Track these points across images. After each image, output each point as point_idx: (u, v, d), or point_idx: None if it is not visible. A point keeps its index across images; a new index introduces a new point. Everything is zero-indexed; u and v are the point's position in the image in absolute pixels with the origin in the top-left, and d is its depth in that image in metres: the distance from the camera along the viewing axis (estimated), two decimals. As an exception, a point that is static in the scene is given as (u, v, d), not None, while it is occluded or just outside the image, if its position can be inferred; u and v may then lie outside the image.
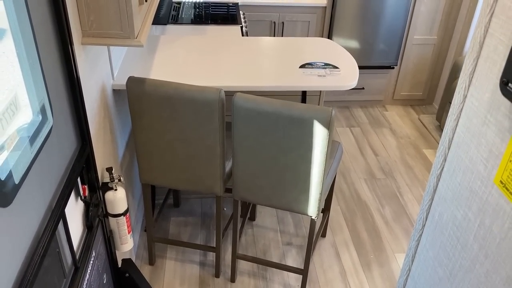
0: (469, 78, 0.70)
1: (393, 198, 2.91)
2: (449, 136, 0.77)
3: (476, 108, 0.67)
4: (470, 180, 0.73)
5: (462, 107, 0.71)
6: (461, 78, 0.72)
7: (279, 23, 3.56)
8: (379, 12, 3.49)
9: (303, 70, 2.19)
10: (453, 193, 0.80)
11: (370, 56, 3.69)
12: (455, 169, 0.78)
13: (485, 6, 0.66)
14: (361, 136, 3.56)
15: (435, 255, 0.88)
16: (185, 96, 1.80)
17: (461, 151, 0.73)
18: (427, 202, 0.90)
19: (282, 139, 1.77)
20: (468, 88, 0.71)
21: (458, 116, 0.74)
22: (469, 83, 0.71)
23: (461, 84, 0.72)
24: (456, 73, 3.37)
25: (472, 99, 0.68)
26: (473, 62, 0.69)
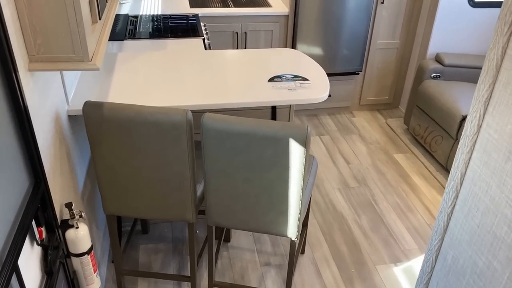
0: (484, 105, 0.63)
1: (368, 206, 2.86)
2: (461, 170, 0.70)
3: (495, 141, 0.59)
4: (493, 223, 0.65)
5: (477, 139, 0.64)
6: (473, 105, 0.64)
7: (241, 33, 3.47)
8: (341, 19, 3.46)
9: (273, 84, 2.10)
10: (470, 236, 0.71)
11: (335, 63, 3.65)
12: (471, 209, 0.70)
13: (501, 24, 0.59)
14: (332, 144, 3.51)
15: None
16: (148, 119, 1.66)
17: (479, 189, 0.66)
18: (436, 243, 0.82)
19: (257, 160, 1.66)
20: (483, 117, 0.63)
21: (471, 148, 0.66)
22: (484, 112, 0.63)
23: (474, 113, 0.64)
24: (421, 76, 3.38)
25: (490, 130, 0.60)
26: (489, 88, 0.61)
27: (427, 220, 2.77)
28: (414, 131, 3.46)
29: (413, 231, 2.68)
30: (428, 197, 2.97)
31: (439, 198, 2.95)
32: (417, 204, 2.90)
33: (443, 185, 3.06)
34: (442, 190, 3.02)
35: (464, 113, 2.90)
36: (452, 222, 0.77)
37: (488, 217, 0.68)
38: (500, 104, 0.62)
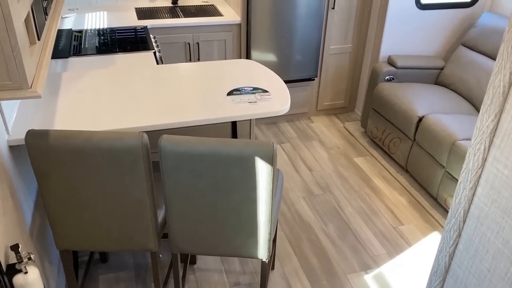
0: (490, 137, 0.57)
1: (334, 214, 2.83)
2: (464, 207, 0.64)
3: (506, 178, 0.54)
4: (508, 269, 0.59)
5: (481, 173, 0.59)
6: (476, 136, 0.59)
7: (193, 44, 3.36)
8: (293, 25, 3.44)
9: (232, 98, 2.01)
10: (479, 280, 0.65)
11: (291, 70, 3.62)
12: (479, 250, 0.64)
13: (507, 47, 0.53)
14: (293, 152, 3.47)
15: None
16: (100, 146, 1.52)
17: (487, 230, 0.60)
18: (437, 284, 0.75)
19: (222, 182, 1.57)
20: (488, 150, 0.58)
21: (475, 183, 0.61)
22: (489, 144, 0.58)
23: (478, 145, 0.59)
24: (375, 79, 3.41)
25: (498, 164, 0.55)
26: (495, 118, 0.56)
27: (392, 223, 2.77)
28: (372, 133, 3.49)
29: (380, 235, 2.67)
30: (391, 199, 2.98)
31: (401, 200, 2.97)
32: (381, 207, 2.90)
33: (404, 186, 3.09)
34: (403, 191, 3.05)
35: (420, 114, 2.95)
36: (455, 263, 0.72)
37: (502, 261, 0.63)
38: (510, 136, 0.56)
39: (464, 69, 3.25)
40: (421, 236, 2.67)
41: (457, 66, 3.31)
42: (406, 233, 2.69)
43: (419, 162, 2.98)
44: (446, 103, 3.08)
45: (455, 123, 2.78)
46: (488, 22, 3.23)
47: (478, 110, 3.08)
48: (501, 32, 3.10)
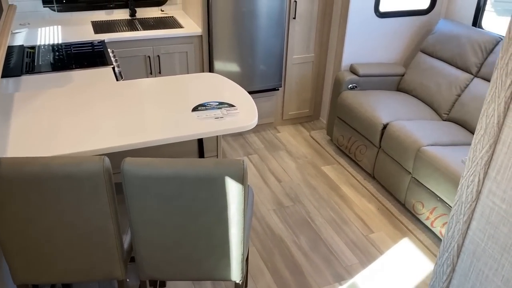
0: (484, 169, 0.54)
1: (305, 225, 2.81)
2: (458, 241, 0.61)
3: (504, 213, 0.52)
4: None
5: (475, 207, 0.56)
6: (469, 168, 0.56)
7: (154, 56, 3.27)
8: (255, 36, 3.41)
9: (197, 114, 1.95)
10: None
11: (255, 80, 3.59)
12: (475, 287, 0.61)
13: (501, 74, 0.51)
14: (261, 163, 3.42)
15: None
16: (58, 173, 1.42)
17: (485, 266, 0.57)
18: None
19: (190, 204, 1.50)
20: (483, 182, 0.55)
21: (470, 217, 0.58)
22: (484, 176, 0.55)
23: (471, 177, 0.55)
24: (339, 88, 3.43)
25: (495, 198, 0.53)
26: (489, 149, 0.53)
27: (362, 231, 2.77)
28: (338, 141, 3.50)
29: (351, 244, 2.67)
30: (360, 206, 2.99)
31: (370, 207, 2.98)
32: (351, 216, 2.90)
33: (372, 193, 3.11)
34: (371, 198, 3.07)
35: (384, 121, 2.98)
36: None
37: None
38: (505, 168, 0.54)
39: (424, 75, 3.32)
40: (391, 243, 2.69)
41: (417, 72, 3.38)
42: (377, 241, 2.70)
43: (385, 169, 3.01)
44: (408, 109, 3.13)
45: (418, 129, 2.83)
46: (445, 28, 3.33)
47: (439, 115, 3.15)
48: (458, 38, 3.19)
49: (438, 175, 2.54)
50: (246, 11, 3.30)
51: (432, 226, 2.66)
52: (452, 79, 3.14)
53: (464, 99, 3.02)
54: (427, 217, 2.68)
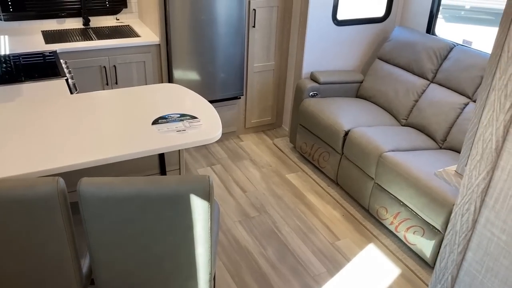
0: (481, 197, 0.51)
1: (272, 235, 2.77)
2: (452, 273, 0.58)
3: (504, 244, 0.48)
4: None
5: (471, 236, 0.53)
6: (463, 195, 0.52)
7: (110, 67, 3.15)
8: (215, 44, 3.36)
9: (158, 127, 1.87)
10: None
11: (216, 89, 3.54)
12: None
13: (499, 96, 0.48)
14: (225, 174, 3.36)
15: None
16: (8, 196, 1.31)
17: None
18: None
19: (154, 224, 1.42)
20: (479, 211, 0.52)
21: (465, 247, 0.55)
22: (480, 205, 0.52)
23: (467, 205, 0.52)
24: (300, 95, 3.43)
25: (493, 228, 0.50)
26: (486, 176, 0.50)
27: (329, 239, 2.77)
28: (301, 149, 3.50)
29: (319, 253, 2.65)
30: (325, 214, 2.99)
31: (335, 214, 2.99)
32: (317, 223, 2.89)
33: (336, 199, 3.12)
34: (336, 205, 3.07)
35: (346, 128, 3.00)
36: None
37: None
38: (506, 197, 0.50)
39: (382, 82, 3.38)
40: (357, 250, 2.69)
41: (375, 79, 3.44)
42: (343, 248, 2.70)
43: (349, 175, 3.03)
44: (369, 115, 3.18)
45: (379, 135, 2.87)
46: (400, 36, 3.41)
47: (398, 120, 3.22)
48: (413, 45, 3.27)
49: (400, 180, 2.57)
50: (205, 19, 3.25)
51: (396, 231, 2.69)
52: (409, 85, 3.21)
53: (421, 104, 3.10)
54: (391, 222, 2.71)
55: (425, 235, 2.48)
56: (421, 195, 2.44)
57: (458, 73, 2.96)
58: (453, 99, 2.94)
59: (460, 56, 2.99)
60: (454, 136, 2.83)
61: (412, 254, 2.65)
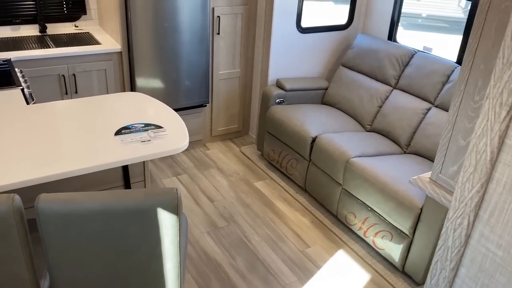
0: (475, 211, 0.49)
1: (241, 245, 2.72)
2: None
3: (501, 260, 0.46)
4: None
5: (464, 252, 0.50)
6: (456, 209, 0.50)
7: (69, 75, 3.02)
8: (179, 52, 3.30)
9: (121, 138, 1.79)
10: None
11: (181, 97, 3.47)
12: None
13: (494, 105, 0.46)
14: (191, 183, 3.29)
15: None
16: (-44, 218, 1.20)
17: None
18: None
19: (119, 241, 1.35)
20: (472, 225, 0.50)
21: (457, 263, 0.52)
22: (474, 219, 0.49)
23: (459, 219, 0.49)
24: (267, 103, 3.42)
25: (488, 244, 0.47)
26: (480, 189, 0.48)
27: (299, 246, 2.75)
28: (269, 156, 3.48)
29: (289, 261, 2.63)
30: (294, 221, 2.97)
31: (304, 220, 2.98)
32: (286, 231, 2.87)
33: (305, 206, 3.11)
34: (305, 211, 3.07)
35: (313, 134, 3.01)
36: None
37: None
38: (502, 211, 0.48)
39: (346, 88, 3.42)
40: (327, 256, 2.69)
41: (340, 85, 3.48)
42: (313, 255, 2.69)
43: (317, 182, 3.03)
44: (335, 122, 3.20)
45: (346, 141, 2.89)
46: (363, 43, 3.47)
47: (363, 126, 3.26)
48: (376, 52, 3.33)
49: (367, 186, 2.59)
50: (168, 27, 3.18)
51: (365, 236, 2.71)
52: (373, 92, 3.26)
53: (385, 110, 3.15)
54: (360, 227, 2.73)
55: (393, 239, 2.50)
56: (388, 199, 2.47)
57: (420, 79, 3.03)
58: (415, 104, 3.00)
59: (421, 63, 3.07)
60: (418, 140, 2.89)
61: (381, 259, 2.67)
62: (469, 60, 0.75)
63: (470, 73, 0.76)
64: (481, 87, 0.75)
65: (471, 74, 0.76)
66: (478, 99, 0.76)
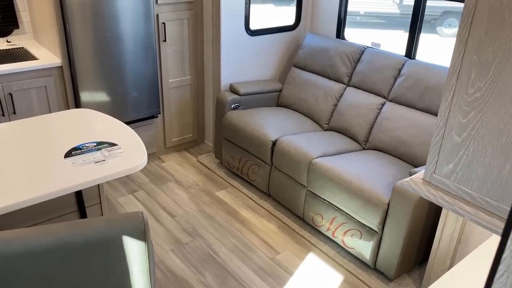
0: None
1: (209, 260, 2.61)
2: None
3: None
4: None
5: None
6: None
7: (5, 95, 2.77)
8: (125, 62, 3.13)
9: (72, 160, 1.63)
10: None
11: (130, 110, 3.29)
12: None
13: None
14: (149, 200, 3.13)
15: None
16: None
17: None
18: None
19: (82, 278, 1.20)
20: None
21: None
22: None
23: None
24: (222, 109, 3.32)
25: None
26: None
27: (268, 254, 2.68)
28: (229, 164, 3.38)
29: (260, 271, 2.54)
30: (261, 228, 2.90)
31: (271, 227, 2.91)
32: (254, 240, 2.79)
33: (270, 212, 3.04)
34: (271, 217, 3.00)
35: (273, 138, 2.95)
36: None
37: None
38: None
39: (300, 89, 3.40)
40: (298, 261, 2.63)
41: (294, 86, 3.45)
42: (284, 262, 2.62)
43: (280, 186, 2.97)
44: (292, 123, 3.16)
45: (306, 142, 2.85)
46: (313, 42, 3.46)
47: (321, 126, 3.24)
48: (326, 51, 3.33)
49: (332, 185, 2.56)
50: (111, 36, 3.00)
51: (333, 236, 2.68)
52: (327, 90, 3.26)
53: (341, 108, 3.15)
54: (328, 228, 2.69)
55: (363, 237, 2.49)
56: (354, 197, 2.45)
57: (372, 74, 3.06)
58: (370, 100, 3.02)
59: (372, 58, 3.10)
60: (375, 136, 2.91)
61: (352, 258, 2.65)
62: (460, 51, 0.70)
63: (461, 65, 0.71)
64: (475, 79, 0.70)
65: (463, 66, 0.71)
66: (472, 91, 0.71)
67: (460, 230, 2.12)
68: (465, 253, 2.16)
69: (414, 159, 2.69)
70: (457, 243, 2.15)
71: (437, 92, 2.68)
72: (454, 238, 2.14)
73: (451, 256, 2.19)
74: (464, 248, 2.17)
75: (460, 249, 2.18)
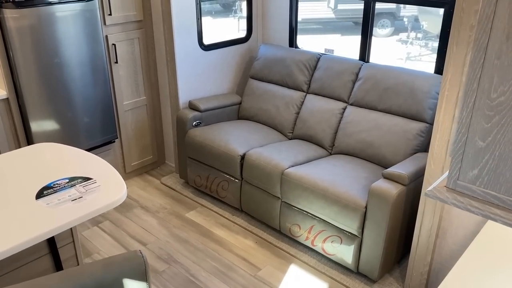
0: None
1: (189, 285, 2.50)
2: None
3: None
4: None
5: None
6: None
7: None
8: (75, 88, 2.96)
9: (45, 200, 1.49)
10: None
11: (85, 137, 3.11)
12: None
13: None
14: (116, 230, 2.96)
15: None
16: None
17: None
18: None
19: (81, 331, 1.09)
20: None
21: None
22: None
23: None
24: (183, 127, 3.24)
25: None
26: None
27: (249, 271, 2.62)
28: (196, 183, 3.29)
29: (245, 290, 2.48)
30: (238, 245, 2.83)
31: (248, 242, 2.86)
32: (233, 259, 2.72)
33: (244, 227, 2.99)
34: (247, 233, 2.95)
35: (241, 152, 2.90)
36: None
37: None
38: None
39: (260, 100, 3.39)
40: (281, 275, 2.60)
41: (253, 98, 3.43)
42: (266, 277, 2.57)
43: (253, 200, 2.93)
44: (258, 135, 3.14)
45: (275, 153, 2.84)
46: (267, 53, 3.46)
47: (285, 135, 3.25)
48: (282, 60, 3.35)
49: (307, 194, 2.56)
50: (59, 62, 2.83)
51: (313, 245, 2.67)
52: (288, 100, 3.27)
53: (303, 115, 3.17)
54: (306, 237, 2.68)
55: (343, 242, 2.50)
56: (331, 204, 2.46)
57: (330, 80, 3.11)
58: (331, 105, 3.07)
59: (328, 65, 3.15)
60: (341, 140, 2.95)
61: (333, 265, 2.66)
62: (480, 57, 0.71)
63: (482, 71, 0.72)
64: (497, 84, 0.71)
65: (484, 72, 0.72)
66: (495, 96, 0.72)
67: (438, 225, 2.18)
68: (444, 247, 2.23)
69: (382, 160, 2.75)
70: (435, 237, 2.22)
71: (396, 93, 2.77)
72: (433, 233, 2.20)
73: (431, 251, 2.25)
74: (442, 242, 2.23)
75: (439, 243, 2.25)
